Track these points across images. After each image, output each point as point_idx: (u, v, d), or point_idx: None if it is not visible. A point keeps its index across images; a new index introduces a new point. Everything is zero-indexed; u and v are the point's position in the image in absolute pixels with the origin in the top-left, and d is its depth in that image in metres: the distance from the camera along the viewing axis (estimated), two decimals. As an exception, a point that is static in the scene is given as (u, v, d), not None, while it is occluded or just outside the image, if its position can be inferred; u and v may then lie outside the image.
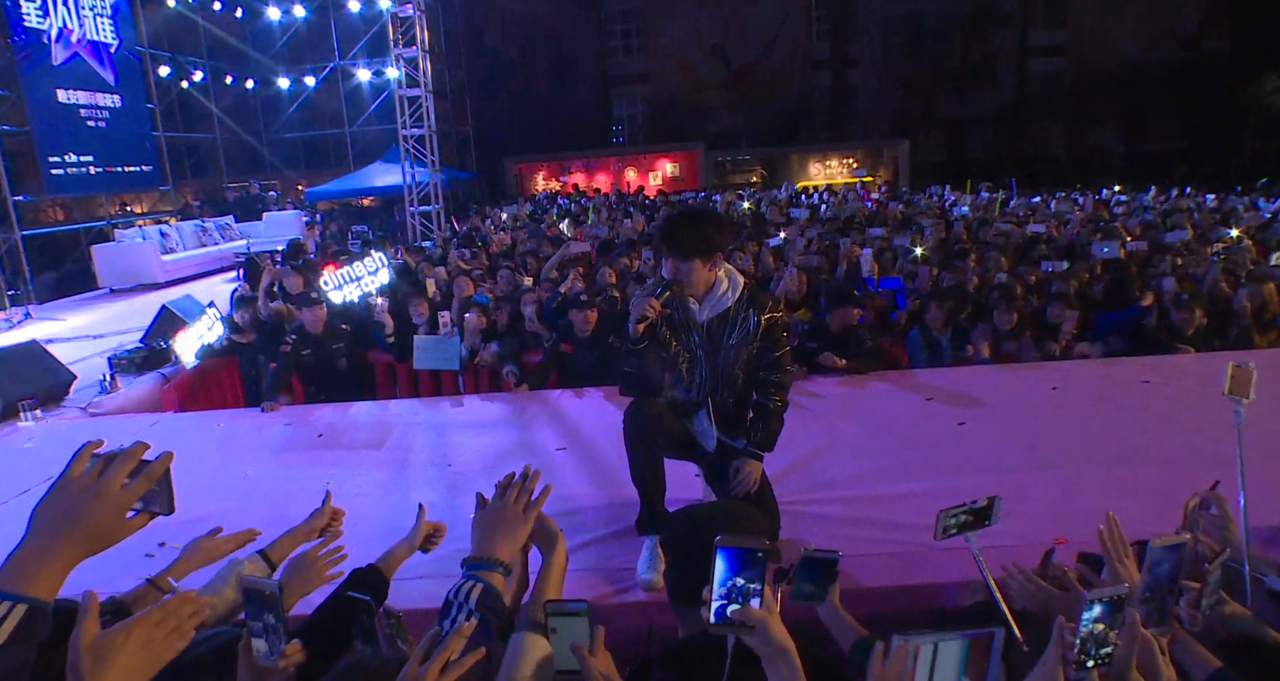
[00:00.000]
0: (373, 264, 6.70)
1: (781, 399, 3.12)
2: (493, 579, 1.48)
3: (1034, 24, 26.65)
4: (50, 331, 9.88)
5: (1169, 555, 1.58)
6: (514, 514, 1.60)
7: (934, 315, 5.86)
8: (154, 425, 5.41)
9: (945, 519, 2.04)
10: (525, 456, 4.31)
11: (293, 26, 20.11)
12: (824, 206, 13.78)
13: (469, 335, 6.18)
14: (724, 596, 1.29)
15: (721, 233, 3.00)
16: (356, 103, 21.34)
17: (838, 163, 28.38)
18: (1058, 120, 26.99)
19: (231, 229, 15.90)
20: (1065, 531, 3.07)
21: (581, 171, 27.40)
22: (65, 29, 13.64)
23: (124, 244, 13.41)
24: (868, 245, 8.57)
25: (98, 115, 14.46)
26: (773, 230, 9.43)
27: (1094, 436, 4.01)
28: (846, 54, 28.28)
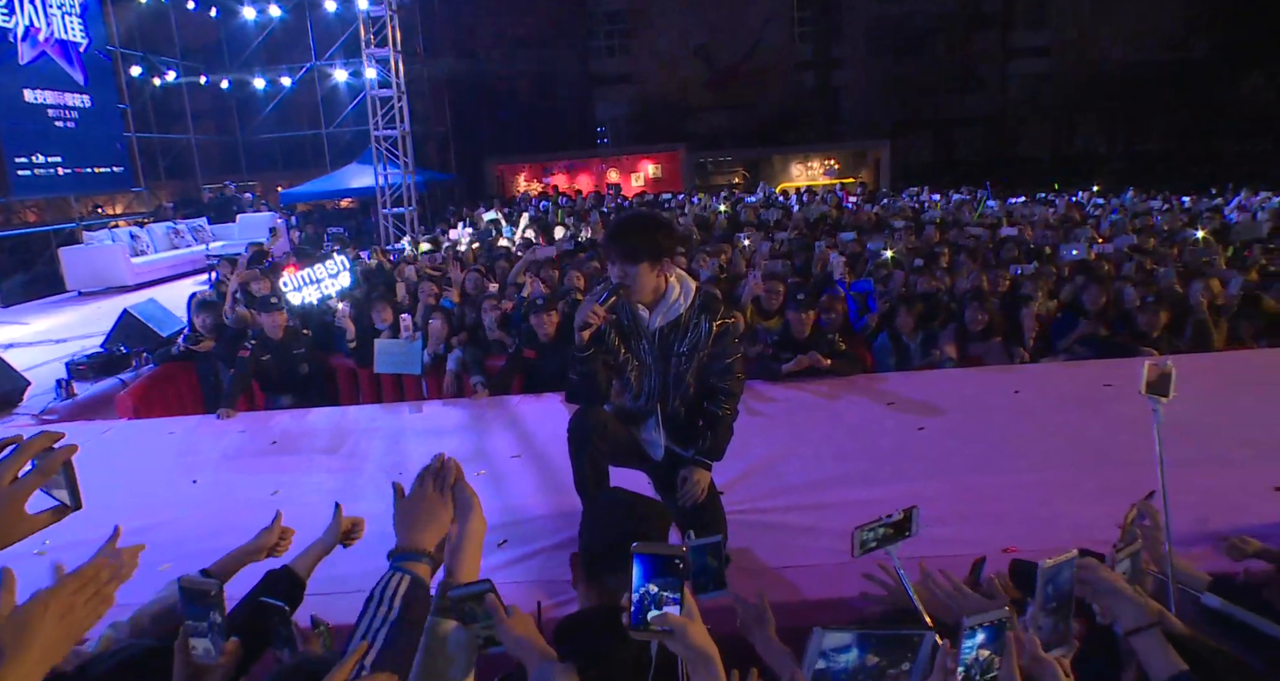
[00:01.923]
0: (334, 266, 6.60)
1: (732, 407, 3.07)
2: (419, 569, 1.43)
3: (1018, 25, 26.80)
4: (12, 335, 9.72)
5: (1060, 574, 1.54)
6: (434, 500, 1.55)
7: (903, 320, 5.83)
8: (106, 433, 5.29)
9: (862, 534, 1.99)
10: (479, 464, 4.24)
11: (269, 26, 19.91)
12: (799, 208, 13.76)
13: (433, 341, 6.09)
14: (640, 602, 1.28)
15: (671, 237, 2.94)
16: (334, 103, 21.17)
17: (820, 164, 28.46)
18: (1043, 121, 27.16)
19: (205, 231, 15.72)
20: (1018, 538, 3.03)
21: (564, 173, 27.31)
22: (32, 27, 13.43)
23: (92, 246, 13.22)
24: (840, 249, 8.56)
25: (66, 115, 14.25)
26: (744, 233, 9.36)
27: (1054, 440, 3.98)
28: (831, 55, 28.37)
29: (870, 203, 14.70)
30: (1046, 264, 7.35)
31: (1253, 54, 23.93)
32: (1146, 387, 2.07)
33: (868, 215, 11.48)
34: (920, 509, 2.37)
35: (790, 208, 13.85)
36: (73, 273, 12.99)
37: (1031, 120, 27.05)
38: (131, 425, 5.53)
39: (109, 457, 4.83)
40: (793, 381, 5.20)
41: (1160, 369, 2.06)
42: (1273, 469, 3.47)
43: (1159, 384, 2.06)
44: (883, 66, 27.00)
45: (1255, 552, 2.42)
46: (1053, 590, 1.52)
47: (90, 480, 4.33)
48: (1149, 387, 2.07)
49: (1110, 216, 10.92)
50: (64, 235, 14.58)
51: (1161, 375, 2.05)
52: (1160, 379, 2.06)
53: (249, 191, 20.17)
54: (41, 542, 3.66)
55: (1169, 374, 2.05)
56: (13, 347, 8.88)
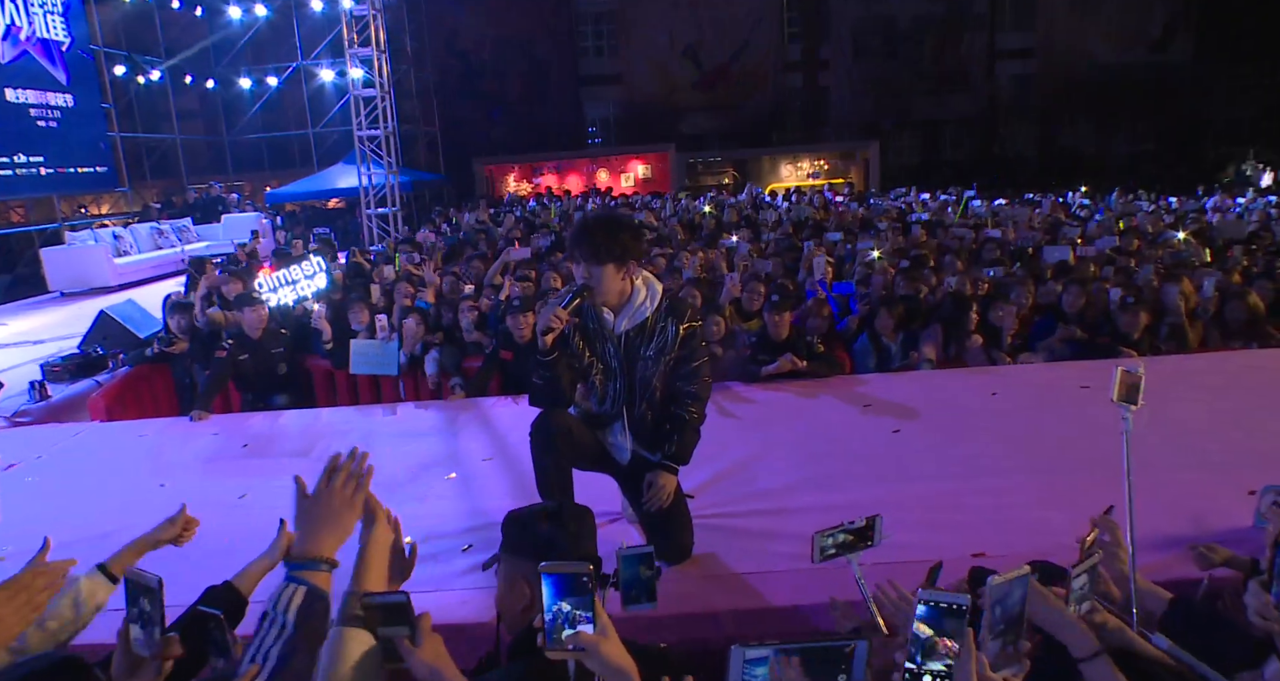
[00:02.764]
0: (310, 268, 6.54)
1: (698, 410, 3.04)
2: (316, 579, 1.34)
3: (1003, 26, 26.82)
4: (-10, 337, 9.62)
5: (1010, 591, 1.49)
6: (340, 501, 1.43)
7: (884, 321, 5.80)
8: (77, 435, 5.23)
9: (821, 540, 1.95)
10: (450, 467, 4.20)
11: (254, 26, 19.80)
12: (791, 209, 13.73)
13: (409, 341, 6.04)
14: (554, 621, 1.28)
15: (637, 239, 2.91)
16: (320, 103, 21.07)
17: (809, 164, 28.45)
18: (1029, 122, 27.19)
19: (189, 231, 15.60)
20: (989, 543, 3.00)
21: (553, 173, 27.24)
22: (13, 26, 13.31)
23: (74, 247, 13.09)
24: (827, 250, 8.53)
25: (49, 115, 14.13)
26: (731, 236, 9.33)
27: (1029, 444, 3.95)
28: (819, 56, 28.33)
29: (858, 203, 14.68)
30: (1029, 266, 7.34)
31: (1233, 57, 24.05)
32: (1118, 396, 2.03)
33: (854, 215, 11.46)
34: (884, 516, 2.34)
35: (778, 208, 13.82)
36: (54, 273, 12.87)
37: (1018, 121, 27.06)
38: (103, 427, 5.46)
39: (78, 461, 4.77)
40: (769, 383, 5.17)
41: (1131, 377, 2.01)
42: (1248, 472, 3.44)
43: (1129, 392, 2.02)
44: (870, 67, 26.98)
45: (1223, 561, 2.39)
46: (1000, 611, 1.47)
47: (58, 483, 4.29)
48: (1120, 396, 2.03)
49: (1095, 217, 10.93)
50: (47, 235, 14.46)
51: (1131, 384, 2.01)
52: (1130, 387, 2.02)
53: (235, 192, 20.06)
54: (2, 547, 3.62)
55: (1139, 382, 2.01)
56: (-11, 349, 8.79)
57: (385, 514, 1.53)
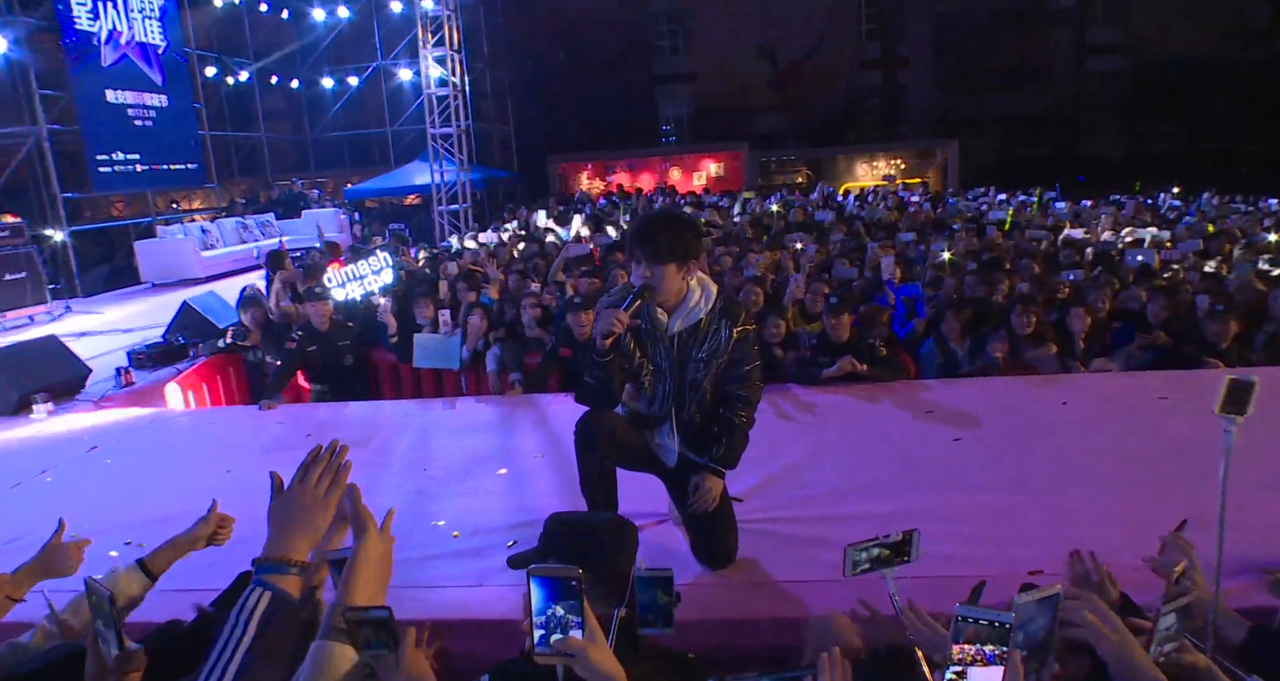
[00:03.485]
0: (377, 263, 6.69)
1: (748, 415, 2.98)
2: (285, 583, 1.27)
3: (1092, 20, 25.76)
4: (85, 325, 10.13)
5: (1040, 610, 1.39)
6: (313, 499, 1.36)
7: (950, 325, 5.63)
8: (154, 421, 5.47)
9: (854, 553, 1.87)
10: (503, 462, 4.23)
11: (337, 27, 20.40)
12: (864, 210, 13.46)
13: (471, 337, 6.13)
14: (543, 625, 1.26)
15: (698, 238, 2.87)
16: (398, 102, 21.59)
17: (885, 163, 27.87)
18: (1116, 120, 26.06)
19: (272, 226, 16.16)
20: (1046, 561, 2.87)
21: (625, 171, 27.34)
22: (115, 31, 14.00)
23: (165, 240, 13.71)
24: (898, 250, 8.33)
25: (145, 114, 14.83)
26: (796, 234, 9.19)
27: (1096, 457, 3.77)
28: (896, 52, 27.74)
29: (934, 204, 14.30)
30: (1110, 270, 7.02)
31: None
32: (1223, 405, 1.86)
33: (927, 216, 11.16)
34: (937, 529, 2.25)
35: (847, 208, 13.56)
36: (147, 265, 13.51)
37: (1106, 119, 25.95)
38: (178, 414, 5.70)
39: (153, 445, 4.98)
40: (829, 386, 5.07)
41: (1239, 385, 1.84)
42: (1338, 494, 3.22)
43: (1237, 399, 1.85)
44: (950, 64, 26.28)
45: None
46: (1024, 636, 1.37)
47: (133, 466, 4.48)
48: (1224, 406, 1.86)
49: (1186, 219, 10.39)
50: (141, 229, 15.17)
51: (1240, 389, 1.84)
52: (1238, 394, 1.84)
53: (316, 188, 20.72)
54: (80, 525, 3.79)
55: (1251, 388, 1.84)
56: (85, 336, 9.26)
57: (373, 526, 1.46)
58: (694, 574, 2.96)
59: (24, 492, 4.30)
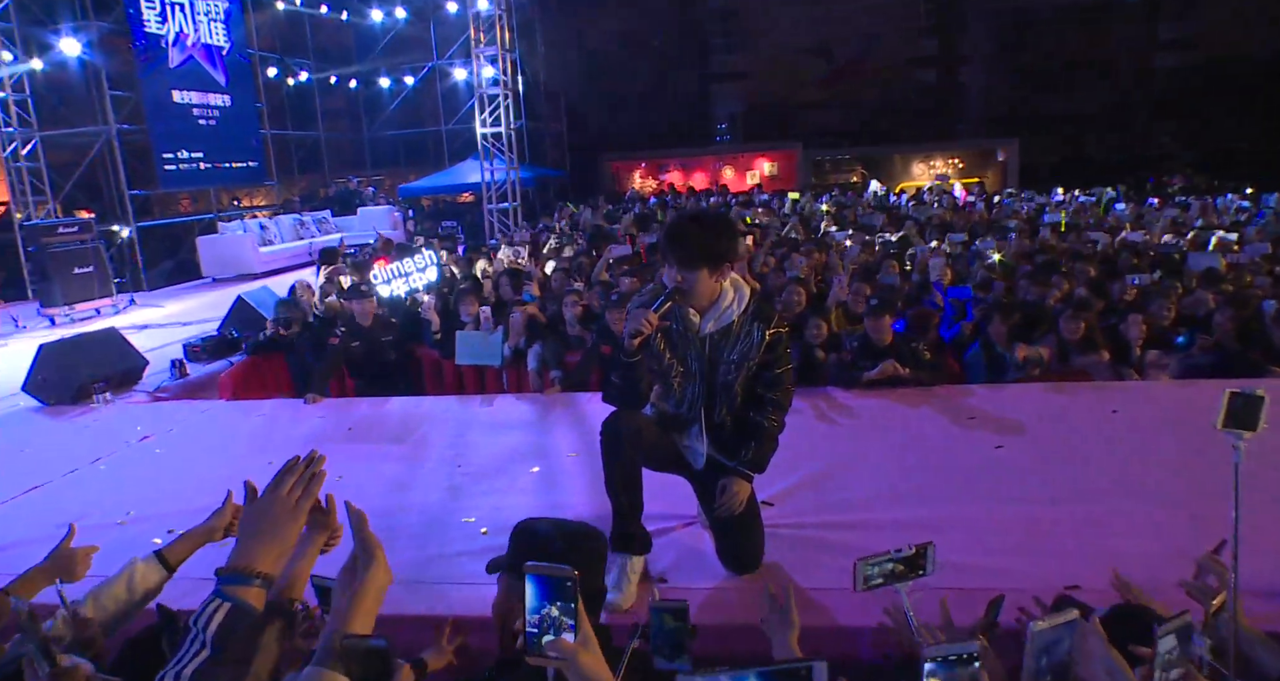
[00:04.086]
0: (422, 261, 6.78)
1: (778, 419, 2.92)
2: (247, 595, 1.24)
3: (1163, 15, 24.84)
4: (147, 317, 10.49)
5: (1057, 637, 1.32)
6: (283, 509, 1.31)
7: (997, 328, 5.48)
8: (204, 412, 5.62)
9: (865, 568, 1.81)
10: (536, 460, 4.25)
11: (394, 28, 20.76)
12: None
13: (513, 334, 6.17)
14: (536, 625, 1.22)
15: (734, 240, 2.81)
16: (453, 101, 21.87)
17: (943, 163, 27.33)
18: (1185, 118, 25.09)
19: (328, 222, 16.55)
20: (1084, 575, 2.76)
21: (678, 170, 27.30)
22: (181, 33, 14.45)
23: (225, 236, 14.12)
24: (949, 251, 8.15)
25: (209, 114, 15.27)
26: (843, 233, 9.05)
27: (1144, 468, 3.62)
28: (955, 49, 27.17)
29: (989, 204, 13.96)
30: (1173, 274, 6.75)
31: None
32: (1225, 420, 1.77)
33: (980, 216, 10.89)
34: (972, 539, 2.17)
35: (901, 207, 13.32)
36: (208, 260, 13.94)
37: (1175, 117, 24.97)
38: (226, 405, 5.85)
39: (201, 435, 5.13)
40: (870, 390, 4.97)
41: (1243, 399, 1.74)
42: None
43: (1244, 415, 1.75)
44: (1011, 61, 25.61)
45: None
46: (1046, 661, 1.31)
47: (180, 456, 4.59)
48: (1229, 420, 1.77)
49: (1257, 220, 9.95)
50: (204, 225, 15.65)
51: (1244, 403, 1.74)
52: (1243, 411, 1.74)
53: (371, 186, 21.11)
54: (125, 512, 3.91)
55: (1258, 402, 1.74)
56: (146, 329, 9.59)
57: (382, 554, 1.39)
58: (719, 578, 2.93)
59: (78, 479, 4.46)
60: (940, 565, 2.87)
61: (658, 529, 3.27)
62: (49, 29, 13.19)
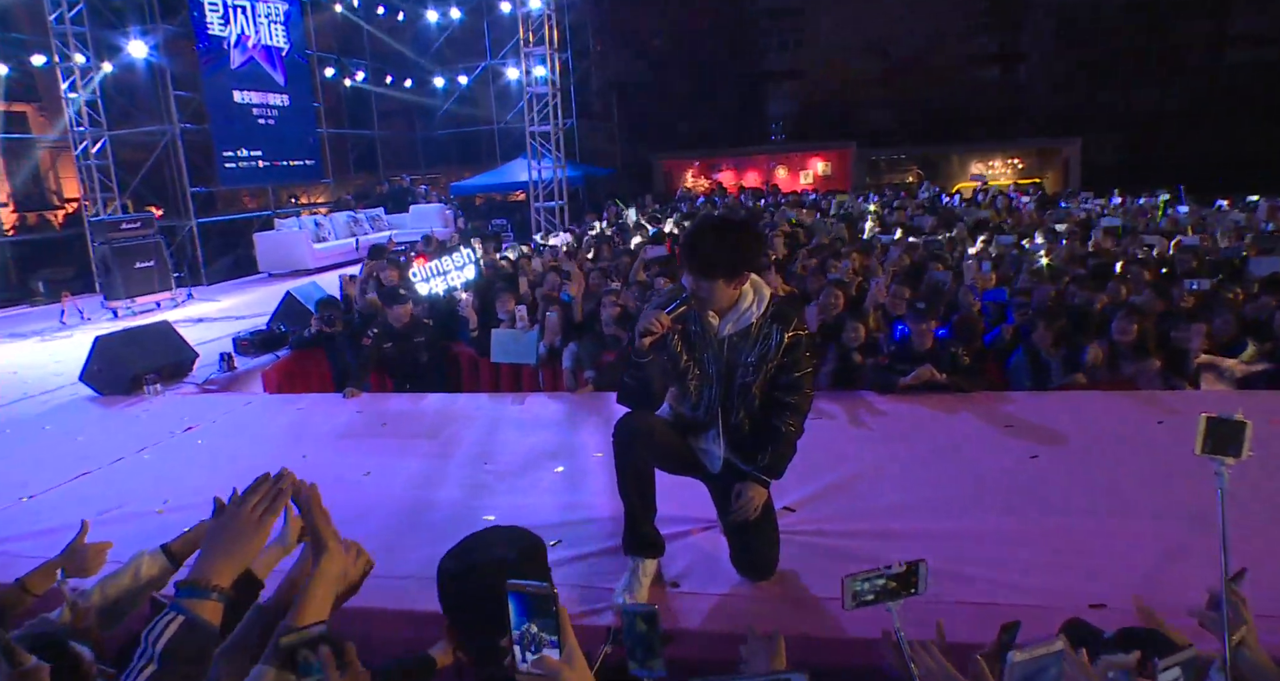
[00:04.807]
0: (460, 259, 6.84)
1: (796, 423, 2.86)
2: (202, 609, 1.23)
3: (1233, 8, 23.86)
4: (203, 311, 10.80)
5: (1041, 667, 1.26)
6: (245, 523, 1.31)
7: (1042, 335, 5.31)
8: (247, 404, 5.76)
9: (853, 585, 1.75)
10: (562, 459, 4.25)
11: (449, 28, 21.05)
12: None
13: (549, 333, 6.19)
14: (521, 642, 1.20)
15: (755, 248, 2.75)
16: (506, 100, 22.11)
17: (1002, 163, 26.71)
18: (1261, 117, 24.06)
19: (381, 220, 16.86)
20: (1110, 595, 2.65)
21: (731, 169, 27.17)
22: (243, 35, 14.87)
23: (281, 232, 14.48)
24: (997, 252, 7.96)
25: (268, 113, 15.69)
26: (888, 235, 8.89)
27: (1186, 484, 3.46)
28: (1017, 47, 26.54)
29: (1045, 206, 13.57)
30: (1234, 279, 6.47)
31: None
32: (1204, 446, 1.67)
33: (1031, 216, 10.59)
34: (998, 552, 2.08)
35: (952, 209, 13.03)
36: (264, 256, 14.32)
37: (1247, 115, 23.94)
38: (269, 399, 5.98)
39: (242, 427, 5.25)
40: (906, 395, 4.86)
41: (1221, 424, 1.63)
42: None
43: (1225, 440, 1.64)
44: (1074, 58, 24.88)
45: None
46: None
47: (221, 446, 4.71)
48: (1209, 445, 1.66)
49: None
50: (262, 221, 16.07)
51: (1223, 428, 1.63)
52: (1222, 433, 1.64)
53: (424, 184, 21.44)
54: (163, 501, 4.02)
55: (1239, 428, 1.63)
56: (201, 322, 9.88)
57: (335, 547, 1.41)
58: (732, 584, 2.89)
59: (123, 468, 4.60)
60: (970, 578, 2.81)
61: (676, 532, 3.25)
62: (118, 32, 13.69)
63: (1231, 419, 1.61)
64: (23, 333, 9.71)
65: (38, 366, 7.67)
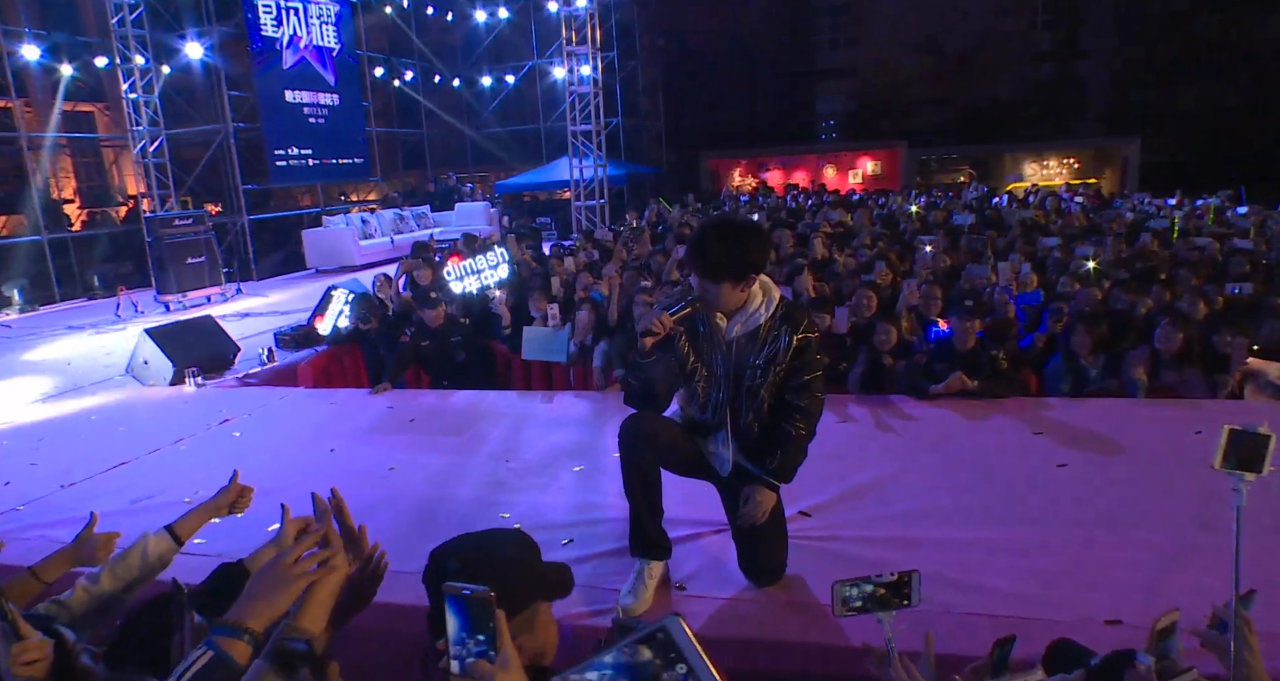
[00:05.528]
0: (494, 258, 6.90)
1: (807, 427, 2.82)
2: (233, 648, 1.29)
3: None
4: (250, 306, 11.07)
5: None
6: (280, 576, 1.36)
7: (1081, 340, 5.16)
8: (282, 398, 5.89)
9: (843, 590, 1.72)
10: (583, 458, 4.25)
11: (496, 28, 21.25)
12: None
13: (580, 331, 6.21)
14: (460, 642, 1.17)
15: (761, 250, 2.71)
16: (553, 99, 22.24)
17: (1057, 163, 26.05)
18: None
19: (426, 217, 17.09)
20: (1128, 611, 2.57)
21: (779, 169, 26.94)
22: (295, 36, 15.20)
23: (328, 229, 14.77)
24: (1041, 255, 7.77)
25: (318, 113, 16.02)
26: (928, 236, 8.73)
27: (1217, 497, 3.33)
28: (1076, 43, 25.83)
29: (1098, 207, 13.19)
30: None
31: None
32: (1224, 460, 1.59)
33: (1078, 218, 10.30)
34: (1013, 562, 2.01)
35: (998, 209, 12.74)
36: (312, 252, 14.62)
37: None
38: (303, 393, 6.10)
39: (276, 421, 5.37)
40: (937, 399, 4.77)
41: (1245, 438, 1.56)
42: None
43: (1247, 454, 1.57)
44: (1137, 55, 24.11)
45: None
46: None
47: (254, 439, 4.84)
48: (1230, 459, 1.59)
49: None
50: (312, 218, 16.42)
51: (1247, 441, 1.56)
52: (1245, 447, 1.56)
53: (470, 183, 21.68)
54: (193, 491, 4.12)
55: (1263, 441, 1.56)
56: (248, 317, 10.14)
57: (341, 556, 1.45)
58: (739, 588, 2.86)
59: (160, 458, 4.74)
60: (981, 589, 2.74)
61: (687, 534, 3.24)
62: (176, 34, 14.10)
63: (1255, 432, 1.53)
64: (80, 325, 10.06)
65: (90, 358, 7.95)
